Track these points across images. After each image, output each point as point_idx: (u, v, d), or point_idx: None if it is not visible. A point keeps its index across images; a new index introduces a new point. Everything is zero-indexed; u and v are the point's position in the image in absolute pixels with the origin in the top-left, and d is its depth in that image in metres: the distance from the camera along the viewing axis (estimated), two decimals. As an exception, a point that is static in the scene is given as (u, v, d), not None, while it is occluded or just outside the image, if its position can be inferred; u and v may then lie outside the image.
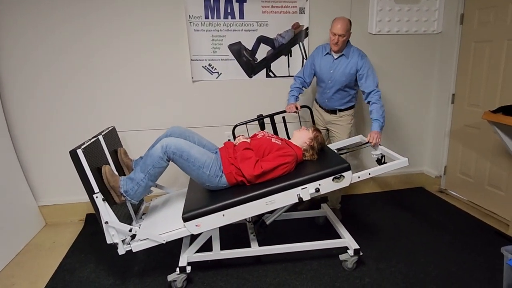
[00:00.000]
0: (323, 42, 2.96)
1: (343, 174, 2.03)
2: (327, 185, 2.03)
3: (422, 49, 3.21)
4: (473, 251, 2.38)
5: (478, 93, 2.90)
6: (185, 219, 1.94)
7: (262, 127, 2.68)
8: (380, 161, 2.35)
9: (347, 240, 2.26)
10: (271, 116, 2.70)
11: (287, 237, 2.39)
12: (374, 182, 3.43)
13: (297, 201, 2.00)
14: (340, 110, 2.64)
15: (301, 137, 2.27)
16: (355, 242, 2.23)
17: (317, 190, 2.01)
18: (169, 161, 2.01)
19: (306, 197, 1.99)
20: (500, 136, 2.31)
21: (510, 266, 1.87)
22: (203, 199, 2.05)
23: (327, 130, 2.77)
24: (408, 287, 2.04)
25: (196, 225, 1.95)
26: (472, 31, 2.92)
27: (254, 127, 2.74)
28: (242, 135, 2.32)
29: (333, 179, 2.03)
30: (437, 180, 3.43)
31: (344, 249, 2.24)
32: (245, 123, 2.68)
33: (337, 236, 2.38)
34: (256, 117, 2.68)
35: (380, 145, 2.36)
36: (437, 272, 2.17)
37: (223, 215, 1.95)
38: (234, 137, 2.56)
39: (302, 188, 1.99)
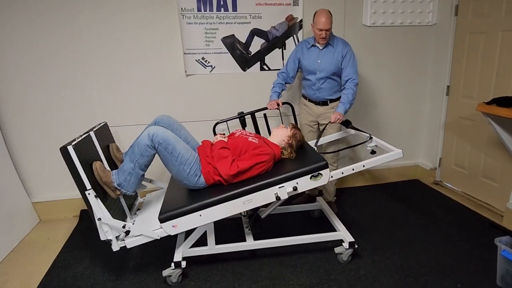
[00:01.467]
0: (317, 34, 2.95)
1: (320, 172, 2.02)
2: (305, 184, 2.02)
3: (417, 41, 3.19)
4: (467, 243, 2.39)
5: (472, 85, 2.89)
6: (162, 220, 1.92)
7: (243, 124, 2.66)
8: (374, 153, 2.34)
9: (342, 233, 2.26)
10: (252, 114, 2.68)
11: (282, 231, 2.39)
12: (369, 175, 3.44)
13: (275, 199, 1.99)
14: (331, 101, 2.62)
15: (279, 135, 2.24)
16: (350, 235, 2.23)
17: (295, 188, 1.99)
18: (155, 150, 1.96)
19: (283, 196, 1.99)
20: (494, 127, 2.31)
21: (503, 257, 1.88)
22: (180, 199, 2.03)
23: (318, 125, 2.75)
24: (402, 278, 2.05)
25: (173, 226, 1.93)
26: (466, 23, 2.91)
27: (237, 125, 2.72)
28: (221, 134, 2.30)
29: (310, 177, 2.01)
30: (432, 172, 3.44)
31: (339, 242, 2.24)
32: (226, 121, 2.66)
33: (332, 229, 2.38)
34: (237, 114, 2.66)
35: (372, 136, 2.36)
36: (432, 263, 2.18)
37: (200, 215, 1.93)
38: (215, 135, 2.56)
39: (280, 187, 1.98)
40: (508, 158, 2.57)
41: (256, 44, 2.89)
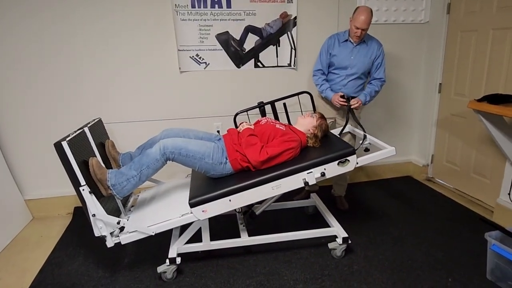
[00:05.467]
0: (311, 32, 2.96)
1: (348, 158, 2.05)
2: (332, 169, 2.05)
3: (410, 38, 3.22)
4: (459, 238, 2.43)
5: (464, 82, 2.93)
6: (192, 205, 1.94)
7: (263, 114, 2.67)
8: (368, 150, 2.36)
9: (336, 229, 2.28)
10: (272, 103, 2.68)
11: (276, 227, 2.40)
12: (362, 172, 3.47)
13: (302, 185, 2.02)
14: (353, 98, 2.63)
15: (305, 124, 2.29)
16: (343, 231, 2.25)
17: (323, 174, 2.03)
18: (166, 162, 2.01)
19: (311, 181, 2.02)
20: (485, 124, 2.34)
21: (493, 251, 1.91)
22: (208, 185, 2.06)
23: (335, 120, 2.75)
24: (395, 273, 2.08)
25: (203, 211, 1.96)
26: (458, 21, 2.94)
27: (254, 116, 2.72)
28: (245, 122, 2.32)
29: (338, 163, 2.05)
30: (424, 168, 3.48)
31: (333, 238, 2.26)
32: (246, 111, 2.66)
33: (326, 225, 2.40)
34: (256, 104, 2.66)
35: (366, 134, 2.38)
36: (424, 258, 2.22)
37: (230, 200, 1.96)
38: (236, 125, 2.55)
39: (308, 173, 2.01)
40: (499, 155, 2.62)
41: (251, 41, 2.90)
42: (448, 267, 2.13)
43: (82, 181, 1.81)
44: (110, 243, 1.93)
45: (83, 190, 1.80)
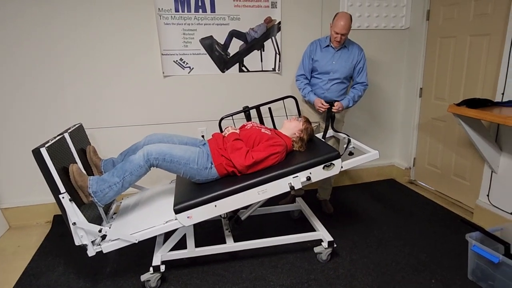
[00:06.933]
0: (295, 37, 2.99)
1: (333, 162, 2.08)
2: (318, 173, 2.07)
3: (391, 44, 3.30)
4: (441, 239, 2.48)
5: (444, 87, 3.02)
6: (177, 211, 1.92)
7: (248, 118, 2.67)
8: (352, 154, 2.40)
9: (321, 233, 2.30)
10: (257, 108, 2.69)
11: (262, 232, 2.40)
12: (347, 175, 3.51)
13: (288, 189, 2.03)
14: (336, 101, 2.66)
15: (291, 128, 2.29)
16: (329, 235, 2.27)
17: (308, 178, 2.04)
18: (149, 169, 1.98)
19: (297, 186, 2.03)
20: (464, 128, 2.41)
21: (474, 251, 1.96)
22: (193, 191, 2.04)
23: (319, 124, 2.77)
24: (379, 276, 2.11)
25: (188, 217, 1.93)
26: (437, 27, 3.03)
27: (240, 120, 2.71)
28: (231, 126, 2.32)
29: (323, 167, 2.07)
30: (407, 171, 3.55)
31: (319, 242, 2.28)
32: (231, 115, 2.65)
33: (311, 229, 2.41)
34: (241, 108, 2.66)
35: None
36: (407, 260, 2.25)
37: (215, 205, 1.95)
38: (221, 130, 2.54)
39: (294, 177, 2.02)
40: (477, 157, 2.70)
41: (235, 46, 2.90)
42: (431, 268, 2.17)
43: (62, 188, 1.76)
44: (91, 252, 1.88)
45: (63, 197, 1.75)
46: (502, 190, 2.51)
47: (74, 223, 1.79)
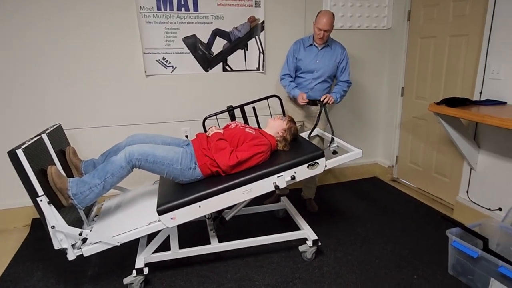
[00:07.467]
0: (279, 36, 3.00)
1: (317, 161, 2.09)
2: (302, 172, 2.08)
3: (374, 44, 3.34)
4: (422, 235, 2.54)
5: (424, 86, 3.08)
6: (160, 212, 1.89)
7: (233, 118, 2.66)
8: (336, 153, 2.42)
9: (306, 232, 2.31)
10: (242, 107, 2.68)
11: (247, 232, 2.40)
12: (330, 174, 3.54)
13: (273, 189, 2.03)
14: (318, 100, 2.67)
15: (275, 127, 2.30)
16: (313, 233, 2.28)
17: (293, 177, 2.05)
18: (132, 170, 1.95)
19: (282, 185, 2.04)
20: (444, 126, 2.47)
21: (454, 247, 2.01)
22: (177, 191, 2.01)
23: (303, 123, 2.78)
24: (363, 273, 2.13)
25: (172, 218, 1.91)
26: (418, 27, 3.09)
27: (224, 120, 2.70)
28: (214, 126, 2.31)
29: (308, 166, 2.08)
30: (389, 169, 3.62)
31: (304, 241, 2.29)
32: (215, 115, 2.63)
33: (296, 228, 2.42)
34: (225, 108, 2.64)
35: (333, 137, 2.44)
36: (390, 256, 2.29)
37: (199, 206, 1.93)
38: (205, 129, 2.52)
39: (278, 176, 2.03)
40: (457, 155, 2.77)
41: (218, 45, 2.88)
42: (413, 264, 2.21)
43: (40, 191, 1.71)
44: (71, 256, 1.84)
45: (40, 200, 1.71)
46: (481, 187, 2.58)
47: (53, 227, 1.74)
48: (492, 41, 2.37)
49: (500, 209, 2.44)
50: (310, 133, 2.59)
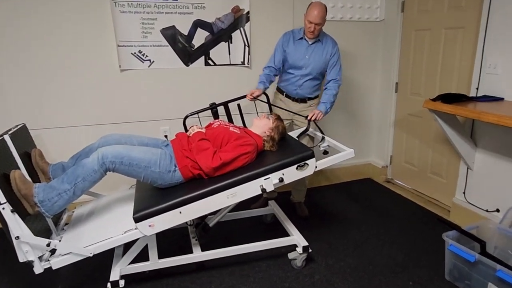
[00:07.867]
0: (265, 27, 3.00)
1: (307, 162, 2.09)
2: (291, 174, 2.07)
3: (366, 36, 3.38)
4: (418, 239, 2.58)
5: (419, 81, 3.13)
6: (137, 219, 1.86)
7: (216, 116, 2.64)
8: (327, 153, 2.44)
9: (296, 238, 2.32)
10: (225, 104, 2.66)
11: (232, 239, 2.39)
12: (322, 175, 3.56)
13: (260, 192, 2.02)
14: (310, 99, 2.69)
15: (261, 126, 2.29)
16: (303, 239, 2.29)
17: (281, 180, 2.04)
18: (105, 174, 1.92)
19: (269, 188, 2.02)
20: (439, 124, 2.52)
21: (450, 251, 2.05)
22: (155, 196, 1.99)
23: (292, 121, 2.79)
24: (356, 280, 2.16)
25: (150, 225, 1.88)
26: (412, 19, 3.14)
27: (206, 118, 2.67)
28: (196, 125, 2.29)
29: (297, 168, 2.08)
30: (383, 170, 3.66)
31: (293, 247, 2.29)
32: (197, 113, 2.61)
33: (285, 234, 2.43)
34: (208, 105, 2.62)
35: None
36: (384, 262, 2.32)
37: (180, 212, 1.91)
38: (186, 129, 2.50)
39: (265, 179, 2.02)
40: (453, 154, 2.82)
41: (200, 37, 2.87)
42: (409, 269, 2.25)
43: (2, 198, 1.66)
44: (38, 269, 1.79)
45: (3, 209, 1.65)
46: (478, 187, 2.64)
47: (17, 237, 1.70)
48: (488, 34, 2.42)
49: (497, 210, 2.50)
50: (301, 134, 2.59)
